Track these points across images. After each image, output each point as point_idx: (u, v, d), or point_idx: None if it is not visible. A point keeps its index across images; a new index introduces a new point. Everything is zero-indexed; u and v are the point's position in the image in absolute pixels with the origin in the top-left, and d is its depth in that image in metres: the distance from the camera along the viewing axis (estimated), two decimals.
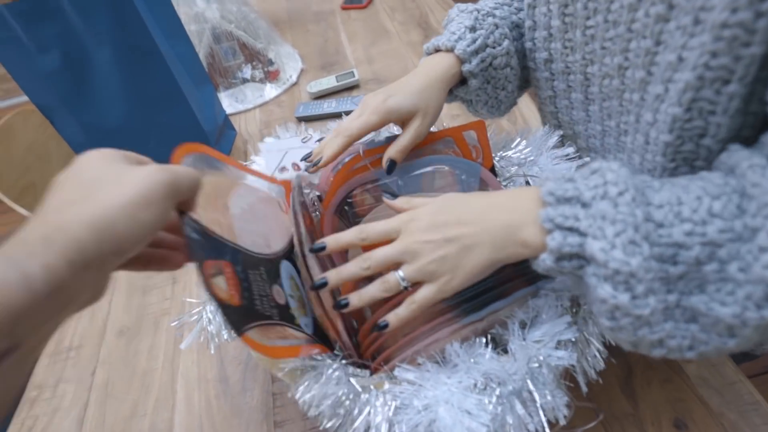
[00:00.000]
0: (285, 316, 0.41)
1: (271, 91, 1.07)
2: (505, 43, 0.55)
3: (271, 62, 1.09)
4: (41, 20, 0.69)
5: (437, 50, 0.55)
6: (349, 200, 0.51)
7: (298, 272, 0.47)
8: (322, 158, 0.48)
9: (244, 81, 1.08)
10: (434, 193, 0.52)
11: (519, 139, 0.56)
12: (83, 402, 0.61)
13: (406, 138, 0.50)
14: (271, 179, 0.52)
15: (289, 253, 0.47)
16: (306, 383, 0.40)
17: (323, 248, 0.42)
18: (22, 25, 0.69)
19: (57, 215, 0.26)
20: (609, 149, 0.53)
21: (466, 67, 0.53)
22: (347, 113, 0.93)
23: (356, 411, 0.39)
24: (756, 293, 0.30)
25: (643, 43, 0.41)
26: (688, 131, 0.39)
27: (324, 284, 0.41)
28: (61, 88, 0.76)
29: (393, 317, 0.40)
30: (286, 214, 0.51)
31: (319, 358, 0.41)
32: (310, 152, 0.50)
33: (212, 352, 0.48)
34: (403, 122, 0.51)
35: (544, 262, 0.35)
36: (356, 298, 0.40)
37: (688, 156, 0.41)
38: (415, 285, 0.39)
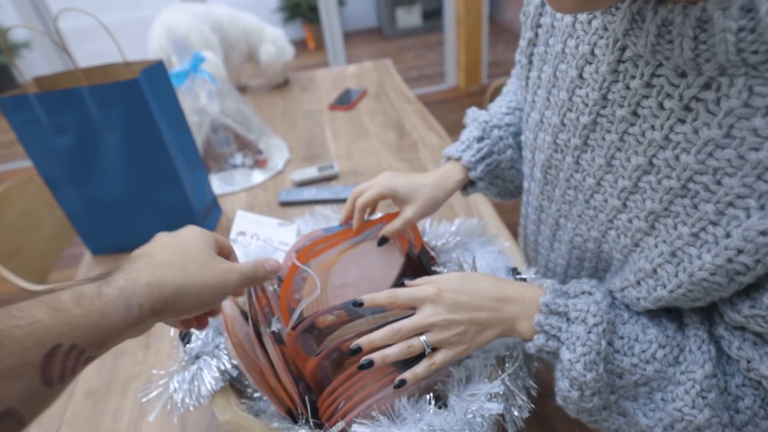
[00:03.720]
0: None
1: (258, 176, 1.18)
2: (509, 151, 0.64)
3: (260, 151, 1.22)
4: (63, 108, 0.80)
5: (449, 158, 0.65)
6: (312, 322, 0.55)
7: None
8: (341, 220, 0.60)
9: (234, 166, 1.19)
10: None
11: (453, 227, 0.66)
12: None
13: (397, 221, 0.58)
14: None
15: None
16: None
17: (362, 304, 0.48)
18: (45, 111, 0.80)
19: (161, 271, 0.35)
20: (570, 276, 0.59)
21: (473, 174, 0.63)
22: (325, 201, 1.04)
23: None
24: (665, 419, 0.42)
25: (623, 239, 0.45)
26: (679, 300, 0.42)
27: (359, 350, 0.46)
28: (69, 165, 0.86)
29: (410, 375, 0.45)
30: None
31: (290, 425, 0.47)
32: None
33: (175, 421, 0.52)
34: (399, 203, 0.59)
35: (529, 348, 0.46)
36: (380, 359, 0.45)
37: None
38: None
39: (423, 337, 0.46)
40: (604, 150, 0.43)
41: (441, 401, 0.48)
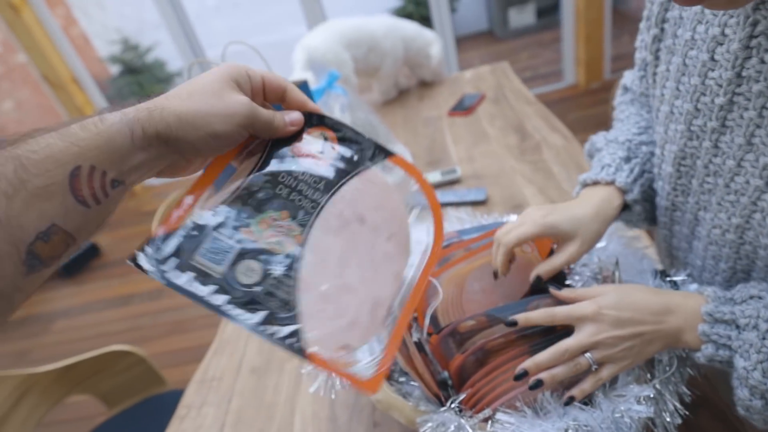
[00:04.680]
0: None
1: None
2: None
3: None
4: None
5: (596, 183, 0.58)
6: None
7: None
8: (498, 270, 0.55)
9: None
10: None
11: None
12: (221, 423, 0.75)
13: (558, 259, 0.53)
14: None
15: None
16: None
17: (516, 323, 0.49)
18: None
19: (164, 101, 0.36)
20: (705, 280, 0.55)
21: (630, 197, 0.57)
22: (450, 204, 1.08)
23: None
24: None
25: None
26: None
27: (525, 374, 0.48)
28: None
29: (579, 392, 0.47)
30: None
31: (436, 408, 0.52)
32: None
33: (333, 397, 0.59)
34: (558, 241, 0.54)
35: (699, 359, 0.46)
36: (549, 378, 0.47)
37: None
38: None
39: (588, 354, 0.47)
40: (743, 129, 0.42)
41: (584, 398, 0.49)
